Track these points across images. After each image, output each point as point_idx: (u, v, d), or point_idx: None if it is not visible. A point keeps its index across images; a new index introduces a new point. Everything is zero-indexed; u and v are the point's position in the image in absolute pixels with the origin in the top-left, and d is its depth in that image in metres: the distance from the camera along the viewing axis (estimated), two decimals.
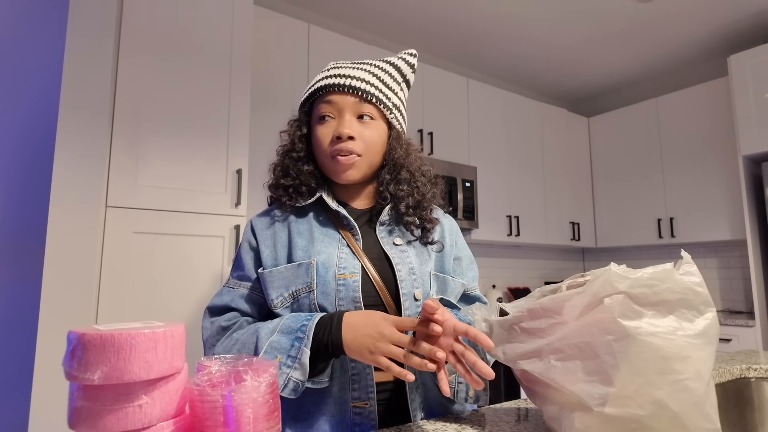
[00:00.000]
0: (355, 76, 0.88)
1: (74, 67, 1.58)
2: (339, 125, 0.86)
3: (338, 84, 0.87)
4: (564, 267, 4.19)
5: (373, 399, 0.79)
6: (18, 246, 1.74)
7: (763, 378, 1.10)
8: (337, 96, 0.87)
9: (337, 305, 0.81)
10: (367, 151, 0.87)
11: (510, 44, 3.39)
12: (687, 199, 3.38)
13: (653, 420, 0.56)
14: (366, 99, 0.87)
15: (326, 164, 0.88)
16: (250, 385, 0.51)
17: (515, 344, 0.67)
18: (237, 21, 1.97)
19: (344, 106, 0.86)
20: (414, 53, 0.98)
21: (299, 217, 0.90)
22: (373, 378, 0.80)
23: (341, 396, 0.80)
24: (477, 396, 0.84)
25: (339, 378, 0.80)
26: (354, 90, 0.86)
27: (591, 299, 0.59)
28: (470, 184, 3.08)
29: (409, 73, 0.97)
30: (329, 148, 0.86)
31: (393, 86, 0.93)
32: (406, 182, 0.91)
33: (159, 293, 1.68)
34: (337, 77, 0.88)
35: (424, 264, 0.89)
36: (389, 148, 0.91)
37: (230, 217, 1.85)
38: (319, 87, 0.89)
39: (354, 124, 0.86)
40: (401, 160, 0.91)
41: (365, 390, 0.80)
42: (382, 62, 0.94)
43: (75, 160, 1.55)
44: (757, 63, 2.92)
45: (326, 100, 0.87)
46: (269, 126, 2.27)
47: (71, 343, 0.48)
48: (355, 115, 0.87)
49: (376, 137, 0.88)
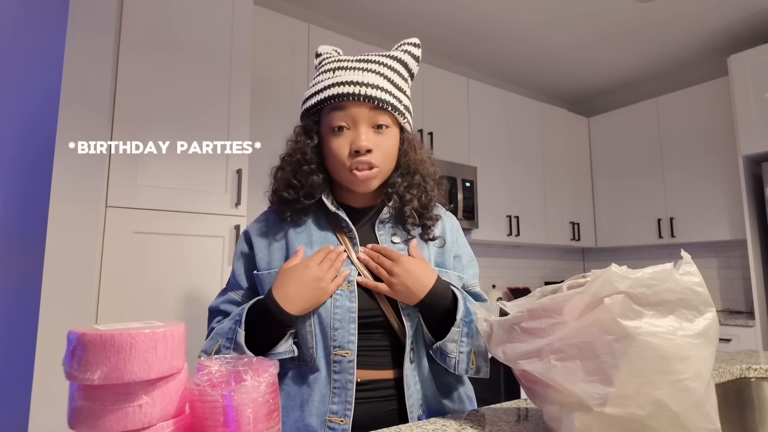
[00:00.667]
0: (367, 82, 0.84)
1: (74, 66, 1.58)
2: (356, 138, 0.82)
3: (351, 93, 0.83)
4: (564, 267, 4.19)
5: (349, 417, 0.78)
6: (18, 246, 1.73)
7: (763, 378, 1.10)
8: (351, 106, 0.83)
9: (333, 312, 0.81)
10: (384, 160, 0.86)
11: (510, 44, 3.39)
12: (687, 199, 3.38)
13: (653, 420, 0.55)
14: (381, 107, 0.84)
15: (342, 176, 0.86)
16: (250, 385, 0.51)
17: (515, 344, 0.67)
18: (237, 21, 1.97)
19: (359, 117, 0.83)
20: (417, 43, 0.94)
21: (297, 219, 0.90)
22: (353, 395, 0.79)
23: (320, 408, 0.80)
24: (478, 367, 0.84)
25: (321, 388, 0.80)
26: (369, 99, 0.83)
27: (591, 299, 0.59)
28: (470, 184, 3.08)
29: (414, 66, 0.94)
30: (347, 161, 0.83)
31: (402, 86, 0.90)
32: (417, 186, 0.90)
33: (159, 293, 1.68)
34: (349, 85, 0.83)
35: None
36: (402, 152, 0.90)
37: (230, 217, 1.85)
38: (330, 95, 0.84)
39: (371, 136, 0.84)
40: (414, 165, 0.90)
41: (344, 404, 0.79)
42: (388, 59, 0.90)
43: (75, 160, 1.55)
44: (757, 63, 2.92)
45: (339, 109, 0.83)
46: (269, 126, 2.27)
47: (71, 343, 0.48)
48: (370, 126, 0.84)
49: (392, 146, 0.87)
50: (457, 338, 0.82)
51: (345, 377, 0.80)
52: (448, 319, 0.84)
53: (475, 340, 0.84)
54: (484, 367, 0.85)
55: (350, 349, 0.80)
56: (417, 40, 0.95)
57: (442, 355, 0.83)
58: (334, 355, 0.80)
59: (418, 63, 0.95)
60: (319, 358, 0.81)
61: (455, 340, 0.82)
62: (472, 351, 0.83)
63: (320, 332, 0.81)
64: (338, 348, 0.80)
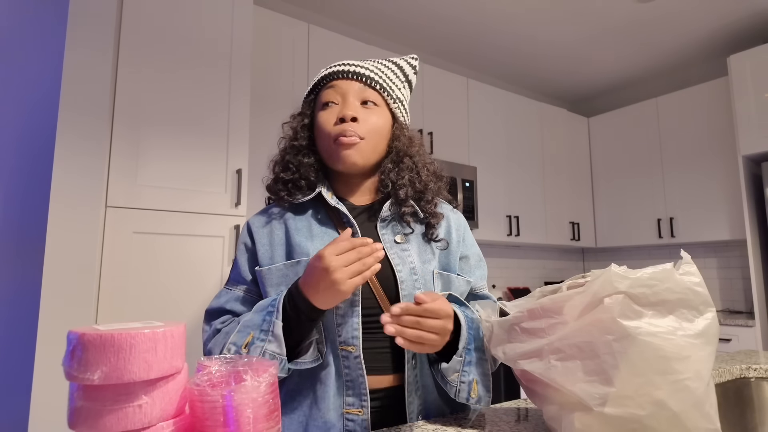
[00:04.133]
0: (359, 64, 0.91)
1: (74, 67, 1.58)
2: (342, 108, 0.86)
3: (343, 71, 0.89)
4: (564, 267, 4.19)
5: (366, 407, 0.78)
6: (18, 246, 1.73)
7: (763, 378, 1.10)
8: (342, 81, 0.88)
9: (336, 307, 0.80)
10: (369, 135, 0.86)
11: (510, 44, 3.39)
12: (687, 199, 3.38)
13: (653, 420, 0.56)
14: (370, 85, 0.89)
15: (328, 149, 0.86)
16: (250, 385, 0.51)
17: (515, 344, 0.67)
18: (237, 21, 1.97)
19: (348, 91, 0.87)
20: (415, 57, 1.00)
21: (298, 215, 0.89)
22: (366, 386, 0.78)
23: (335, 402, 0.79)
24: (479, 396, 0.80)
25: (334, 383, 0.79)
26: (358, 76, 0.88)
27: (591, 299, 0.59)
28: (470, 184, 3.08)
29: (411, 74, 0.98)
30: (332, 131, 0.85)
31: (396, 82, 0.94)
32: (408, 170, 0.89)
33: (159, 293, 1.68)
34: (342, 65, 0.90)
35: (426, 263, 0.87)
36: (393, 136, 0.91)
37: (230, 217, 1.85)
38: (323, 76, 0.91)
39: (358, 108, 0.87)
40: (404, 147, 0.91)
41: (359, 397, 0.78)
42: (386, 61, 0.96)
43: (75, 160, 1.55)
44: (757, 63, 2.92)
45: (330, 86, 0.89)
46: (269, 126, 2.27)
47: (71, 343, 0.48)
48: (358, 100, 0.88)
49: (381, 123, 0.88)
50: (458, 368, 0.78)
51: (355, 372, 0.79)
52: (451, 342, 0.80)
53: (478, 368, 0.79)
54: (485, 397, 0.79)
55: (355, 345, 0.79)
56: (415, 56, 1.01)
57: (444, 381, 0.80)
58: (341, 351, 0.80)
59: (415, 72, 0.99)
60: (329, 353, 0.80)
61: (457, 369, 0.79)
62: (474, 381, 0.79)
63: (326, 327, 0.80)
64: (344, 344, 0.80)
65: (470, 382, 0.78)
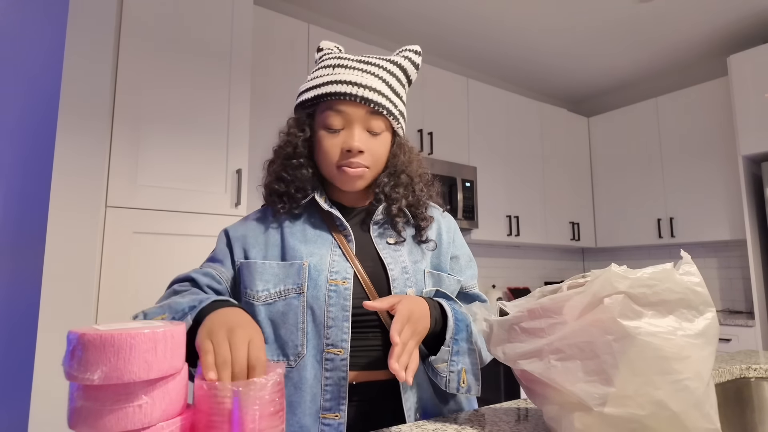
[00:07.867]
0: (365, 84, 0.84)
1: (74, 67, 1.58)
2: (349, 138, 0.83)
3: (349, 93, 0.83)
4: (564, 267, 4.20)
5: (343, 411, 0.78)
6: (18, 246, 1.73)
7: (763, 378, 1.10)
8: (347, 106, 0.83)
9: (327, 310, 0.80)
10: (374, 163, 0.87)
11: (510, 44, 3.39)
12: (687, 199, 3.38)
13: (653, 420, 0.56)
14: (377, 111, 0.85)
15: (331, 174, 0.87)
16: (258, 383, 0.52)
17: (515, 344, 0.67)
18: (237, 21, 1.97)
19: (354, 119, 0.84)
20: (419, 51, 0.95)
21: (293, 218, 0.90)
22: (347, 389, 0.78)
23: (311, 407, 0.78)
24: (469, 385, 0.82)
25: (311, 388, 0.79)
26: (365, 101, 0.83)
27: (591, 299, 0.59)
28: (470, 184, 3.08)
29: (413, 73, 0.96)
30: (338, 160, 0.84)
31: (400, 91, 0.91)
32: (404, 186, 0.90)
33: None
34: (348, 84, 0.83)
35: (417, 262, 0.89)
36: (392, 155, 0.91)
37: (230, 217, 1.85)
38: (327, 92, 0.84)
39: (363, 137, 0.84)
40: (402, 166, 0.91)
41: (337, 401, 0.78)
42: (388, 63, 0.90)
43: (75, 160, 1.55)
44: (757, 63, 2.92)
45: (335, 109, 0.84)
46: (269, 126, 2.27)
47: (71, 343, 0.48)
48: (364, 128, 0.85)
49: (384, 150, 0.88)
50: (447, 358, 0.81)
51: (338, 374, 0.79)
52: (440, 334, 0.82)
53: (466, 357, 0.83)
54: (475, 386, 0.83)
55: (343, 348, 0.79)
56: (418, 48, 0.95)
57: (434, 372, 0.82)
58: (326, 353, 0.79)
59: (417, 70, 0.96)
60: (309, 357, 0.80)
61: (445, 359, 0.81)
62: (462, 370, 0.82)
63: (313, 330, 0.80)
64: (331, 346, 0.79)
65: (459, 372, 0.81)
